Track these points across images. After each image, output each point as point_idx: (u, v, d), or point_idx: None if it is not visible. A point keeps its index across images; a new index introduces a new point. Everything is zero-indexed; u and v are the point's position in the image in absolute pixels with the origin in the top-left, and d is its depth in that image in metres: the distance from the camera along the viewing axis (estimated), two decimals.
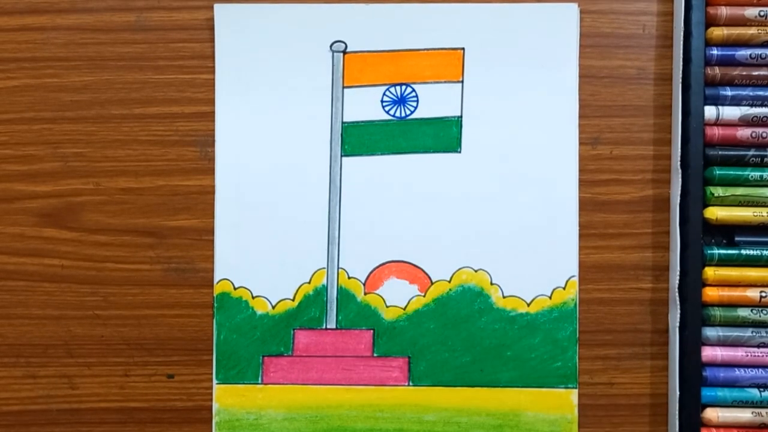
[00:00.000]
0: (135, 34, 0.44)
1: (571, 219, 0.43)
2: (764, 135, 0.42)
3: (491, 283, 0.43)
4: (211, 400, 0.43)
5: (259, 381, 0.43)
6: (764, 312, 0.41)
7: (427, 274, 0.43)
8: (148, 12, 0.44)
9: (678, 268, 0.42)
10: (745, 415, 0.41)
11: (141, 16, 0.44)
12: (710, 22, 0.42)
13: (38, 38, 0.44)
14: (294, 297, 0.43)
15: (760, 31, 0.42)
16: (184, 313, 0.43)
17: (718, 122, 0.42)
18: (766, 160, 0.42)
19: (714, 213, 0.42)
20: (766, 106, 0.42)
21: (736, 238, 0.42)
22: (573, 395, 0.43)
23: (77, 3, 0.44)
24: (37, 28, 0.44)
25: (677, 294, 0.42)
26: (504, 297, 0.43)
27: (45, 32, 0.44)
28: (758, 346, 0.42)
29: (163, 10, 0.44)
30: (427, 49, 0.43)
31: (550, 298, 0.43)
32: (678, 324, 0.42)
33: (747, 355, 0.41)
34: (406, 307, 0.43)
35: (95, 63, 0.44)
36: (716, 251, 0.42)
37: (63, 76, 0.44)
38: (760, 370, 0.41)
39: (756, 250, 0.42)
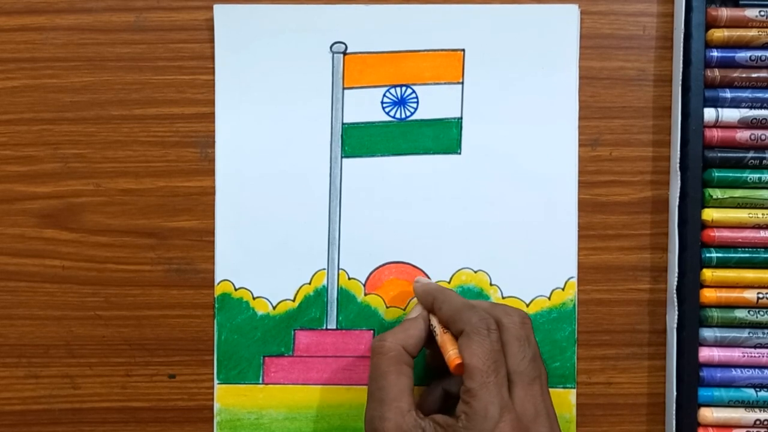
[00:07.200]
0: (134, 34, 0.43)
1: (571, 220, 0.43)
2: (763, 137, 0.42)
3: (491, 284, 0.43)
4: (213, 399, 0.44)
5: (260, 381, 0.43)
6: (761, 313, 0.42)
7: (427, 275, 0.43)
8: (148, 12, 0.43)
9: (676, 270, 0.42)
10: (741, 414, 0.42)
11: (140, 17, 0.43)
12: (710, 23, 0.42)
13: (37, 39, 0.43)
14: (294, 298, 0.43)
15: (760, 33, 0.42)
16: (185, 313, 0.44)
17: (717, 124, 0.42)
18: (764, 162, 0.42)
19: (710, 215, 0.42)
20: (765, 108, 0.42)
21: None
22: (571, 395, 0.43)
23: (76, 3, 0.43)
24: (36, 29, 0.43)
25: (675, 295, 0.42)
26: (503, 298, 0.43)
27: (44, 33, 0.43)
28: (755, 347, 0.42)
29: (163, 11, 0.43)
30: (428, 51, 0.43)
31: (549, 298, 0.43)
32: (676, 325, 0.42)
33: (744, 356, 0.42)
34: (406, 307, 0.43)
35: (94, 63, 0.43)
36: (714, 253, 0.42)
37: (62, 76, 0.43)
38: (757, 370, 0.42)
39: (753, 252, 0.42)
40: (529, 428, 0.35)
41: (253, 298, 0.43)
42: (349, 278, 0.43)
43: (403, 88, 0.43)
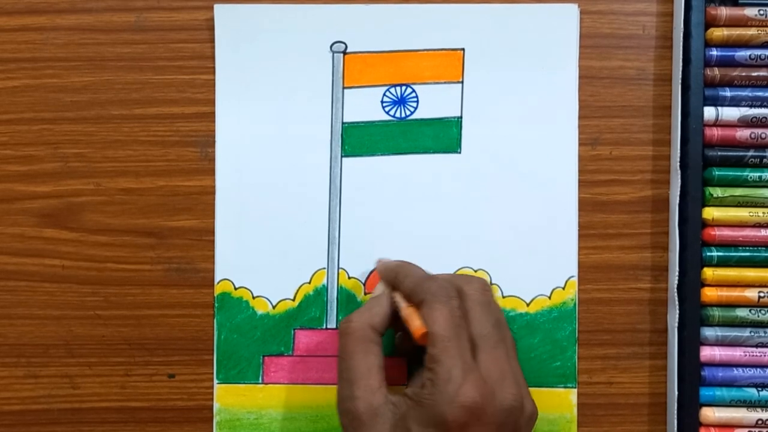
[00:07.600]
0: (135, 34, 0.44)
1: (571, 219, 0.43)
2: (763, 136, 0.42)
3: (491, 283, 0.43)
4: (212, 399, 0.43)
5: (260, 381, 0.43)
6: (762, 312, 0.42)
7: None
8: (148, 12, 0.44)
9: (677, 269, 0.42)
10: (743, 414, 0.42)
11: (141, 17, 0.44)
12: (710, 22, 0.42)
13: (38, 39, 0.44)
14: (294, 297, 0.43)
15: (760, 32, 0.42)
16: (185, 313, 0.44)
17: (717, 123, 0.42)
18: (765, 160, 0.42)
19: (711, 213, 0.42)
20: (765, 107, 0.42)
21: None
22: (572, 395, 0.43)
23: (77, 3, 0.44)
24: (36, 29, 0.44)
25: (676, 294, 0.42)
26: (503, 297, 0.43)
27: (44, 33, 0.44)
28: (756, 346, 0.42)
29: (163, 11, 0.44)
30: (428, 50, 0.43)
31: (550, 298, 0.43)
32: (677, 324, 0.42)
33: (745, 355, 0.42)
34: None
35: (95, 63, 0.44)
36: (715, 252, 0.42)
37: (63, 76, 0.44)
38: (758, 369, 0.42)
39: (754, 250, 0.42)
40: (494, 390, 0.34)
41: (253, 298, 0.43)
42: (349, 277, 0.43)
43: (403, 88, 0.43)
